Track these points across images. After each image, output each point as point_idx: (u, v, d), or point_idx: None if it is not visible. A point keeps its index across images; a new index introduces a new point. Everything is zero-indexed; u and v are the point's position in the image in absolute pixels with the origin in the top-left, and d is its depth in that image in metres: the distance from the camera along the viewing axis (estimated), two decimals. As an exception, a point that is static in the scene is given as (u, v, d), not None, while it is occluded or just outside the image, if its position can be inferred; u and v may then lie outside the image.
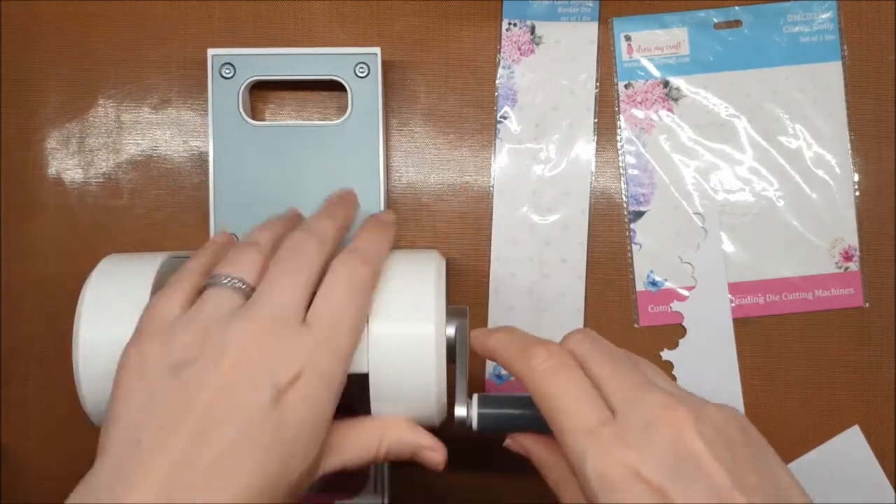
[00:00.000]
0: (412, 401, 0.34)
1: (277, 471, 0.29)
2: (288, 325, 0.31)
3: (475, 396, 0.36)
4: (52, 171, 0.46)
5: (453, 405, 0.36)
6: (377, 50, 0.43)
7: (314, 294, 0.33)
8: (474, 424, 0.35)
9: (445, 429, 0.36)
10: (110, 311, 0.34)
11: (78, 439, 0.45)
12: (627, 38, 0.46)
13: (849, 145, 0.45)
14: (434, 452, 0.35)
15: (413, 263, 0.36)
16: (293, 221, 0.38)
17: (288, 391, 0.30)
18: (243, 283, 0.33)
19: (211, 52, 0.44)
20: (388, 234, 0.37)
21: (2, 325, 0.46)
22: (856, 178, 0.45)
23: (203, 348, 0.30)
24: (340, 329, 0.32)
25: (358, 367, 0.33)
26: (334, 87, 0.45)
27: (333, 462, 0.33)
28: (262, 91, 0.46)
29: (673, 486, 0.28)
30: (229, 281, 0.33)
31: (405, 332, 0.33)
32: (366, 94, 0.43)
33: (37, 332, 0.46)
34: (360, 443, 0.34)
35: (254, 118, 0.45)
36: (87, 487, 0.28)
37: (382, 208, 0.43)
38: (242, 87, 0.44)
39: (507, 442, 0.36)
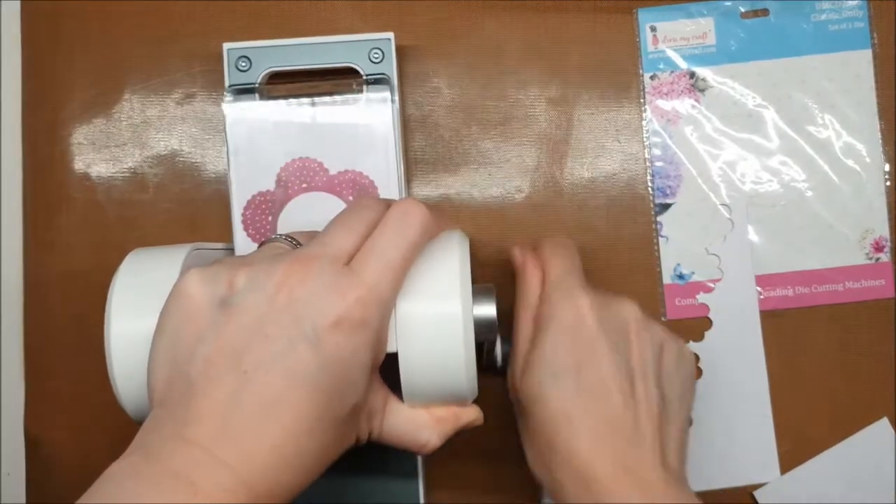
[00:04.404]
0: (442, 380, 0.34)
1: (324, 411, 0.30)
2: (331, 265, 0.31)
3: (499, 337, 0.38)
4: (78, 165, 0.46)
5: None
6: (391, 35, 0.43)
7: None
8: (498, 362, 0.39)
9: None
10: (140, 303, 0.35)
11: (107, 431, 0.45)
12: (653, 29, 0.45)
13: (879, 134, 0.45)
14: (477, 422, 0.37)
15: (436, 242, 0.36)
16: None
17: (328, 331, 0.30)
18: (296, 242, 0.35)
19: (226, 45, 0.44)
20: (441, 217, 0.38)
21: (30, 318, 0.46)
22: (886, 167, 0.45)
23: (247, 283, 0.31)
24: (382, 273, 0.32)
25: (387, 347, 0.33)
26: (351, 75, 0.44)
27: (385, 437, 0.35)
28: (280, 83, 0.46)
29: (605, 337, 0.35)
30: (284, 238, 0.35)
31: (432, 312, 0.33)
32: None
33: (65, 325, 0.46)
34: (417, 432, 0.35)
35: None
36: (148, 430, 0.30)
37: (403, 196, 0.43)
38: (259, 80, 0.44)
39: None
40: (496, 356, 0.39)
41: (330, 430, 0.30)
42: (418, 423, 0.35)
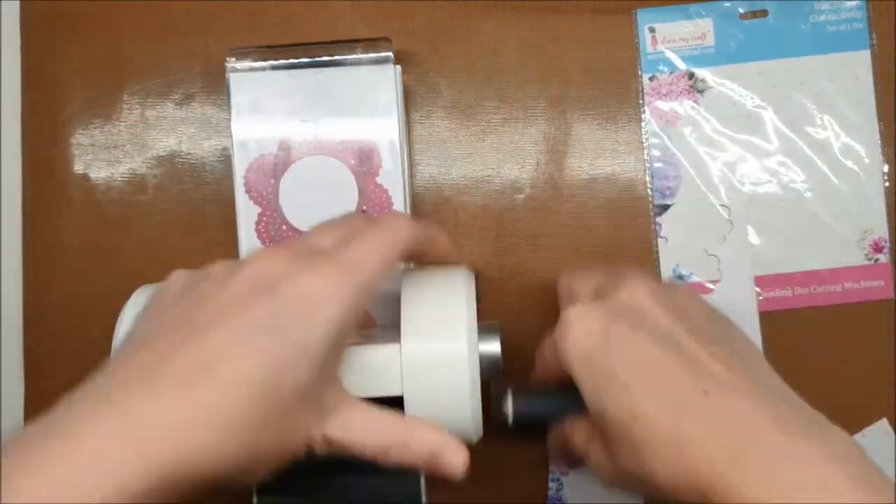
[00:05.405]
0: (447, 420, 0.33)
1: (271, 378, 0.28)
2: (308, 252, 0.32)
3: (509, 392, 0.37)
4: (78, 166, 0.46)
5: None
6: (389, 54, 0.43)
7: None
8: (510, 420, 0.37)
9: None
10: None
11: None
12: (651, 30, 0.46)
13: (878, 135, 0.45)
14: (455, 469, 0.32)
15: (442, 279, 0.36)
16: None
17: (291, 304, 0.29)
18: None
19: (230, 59, 0.43)
20: (432, 228, 0.37)
21: (30, 319, 0.46)
22: (885, 168, 0.45)
23: (220, 265, 0.32)
24: (361, 261, 0.31)
25: (392, 390, 0.33)
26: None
27: (340, 440, 0.31)
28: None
29: (615, 324, 0.33)
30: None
31: (437, 352, 0.33)
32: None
33: (65, 326, 0.46)
34: (386, 432, 0.32)
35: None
36: (83, 384, 0.28)
37: (406, 195, 0.43)
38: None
39: (550, 455, 0.38)
40: (506, 411, 0.37)
41: (272, 408, 0.28)
42: (379, 428, 0.32)
